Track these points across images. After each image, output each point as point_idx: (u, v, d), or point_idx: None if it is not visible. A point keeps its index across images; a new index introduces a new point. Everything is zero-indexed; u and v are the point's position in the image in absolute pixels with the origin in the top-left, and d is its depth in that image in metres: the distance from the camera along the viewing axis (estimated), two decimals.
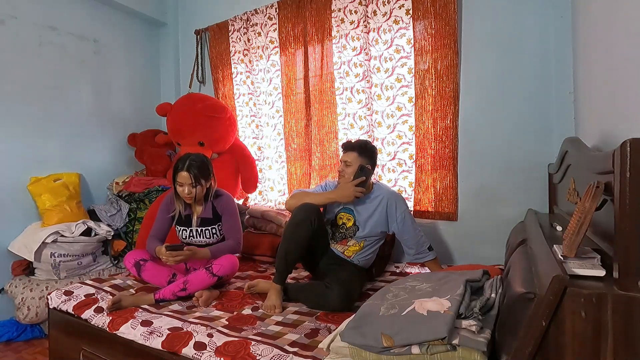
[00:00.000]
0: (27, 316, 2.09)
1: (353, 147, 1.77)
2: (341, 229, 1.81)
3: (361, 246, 1.77)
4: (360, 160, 1.74)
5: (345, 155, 1.78)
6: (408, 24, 2.14)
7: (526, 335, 0.75)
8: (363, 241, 1.77)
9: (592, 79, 1.39)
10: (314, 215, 1.63)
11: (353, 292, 1.56)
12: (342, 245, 1.79)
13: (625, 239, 0.70)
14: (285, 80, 2.59)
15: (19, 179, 2.32)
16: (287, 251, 1.61)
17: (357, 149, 1.75)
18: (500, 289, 1.10)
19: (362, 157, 1.75)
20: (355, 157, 1.74)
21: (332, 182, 1.93)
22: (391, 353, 0.93)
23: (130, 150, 2.97)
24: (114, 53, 2.90)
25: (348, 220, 1.80)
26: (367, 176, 1.71)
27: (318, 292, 1.55)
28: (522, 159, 1.93)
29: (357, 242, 1.77)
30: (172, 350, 1.27)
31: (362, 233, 1.76)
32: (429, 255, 1.78)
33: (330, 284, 1.55)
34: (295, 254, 1.62)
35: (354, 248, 1.77)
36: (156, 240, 1.81)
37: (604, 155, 0.81)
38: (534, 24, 1.88)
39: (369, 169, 1.73)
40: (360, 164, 1.72)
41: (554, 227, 1.32)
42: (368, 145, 1.80)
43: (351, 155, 1.75)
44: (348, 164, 1.75)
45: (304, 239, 1.61)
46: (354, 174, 1.72)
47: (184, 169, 1.73)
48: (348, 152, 1.77)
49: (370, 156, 1.78)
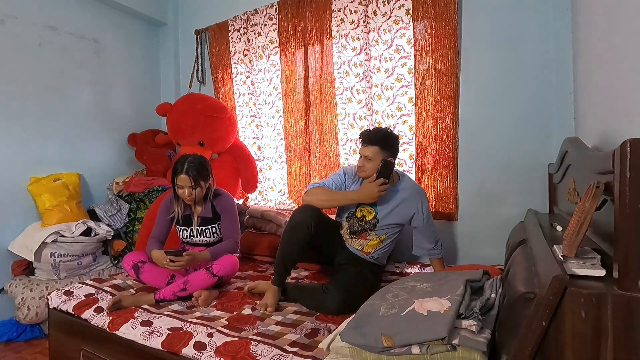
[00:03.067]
0: (27, 316, 2.09)
1: (374, 141, 1.61)
2: (360, 221, 1.72)
3: (381, 239, 1.72)
4: (382, 155, 1.60)
5: (365, 149, 1.63)
6: (408, 24, 2.14)
7: (526, 335, 0.75)
8: (384, 234, 1.71)
9: (592, 79, 1.39)
10: (312, 219, 1.56)
11: (352, 296, 1.46)
12: (361, 240, 1.73)
13: (625, 239, 0.69)
14: (285, 80, 2.59)
15: (19, 179, 2.32)
16: (285, 254, 1.58)
17: (379, 143, 1.60)
18: (500, 289, 1.10)
19: (385, 150, 1.61)
20: (377, 151, 1.60)
21: (351, 171, 1.78)
22: (391, 353, 0.93)
23: (130, 150, 2.97)
24: (114, 53, 2.90)
25: (369, 213, 1.71)
26: (391, 171, 1.59)
27: (316, 296, 1.53)
28: (522, 159, 1.93)
29: (378, 235, 1.71)
30: (172, 350, 1.27)
31: (383, 225, 1.69)
32: (441, 252, 1.80)
33: (329, 288, 1.51)
34: (292, 257, 1.59)
35: (374, 242, 1.72)
36: (156, 242, 1.82)
37: (604, 155, 0.81)
38: (534, 24, 1.88)
39: (392, 163, 1.61)
40: (383, 159, 1.58)
41: (554, 227, 1.32)
42: (390, 136, 1.66)
43: (372, 149, 1.60)
44: (369, 159, 1.61)
45: (302, 242, 1.57)
46: (375, 169, 1.59)
47: (183, 172, 1.73)
48: (368, 146, 1.62)
49: (393, 148, 1.65)
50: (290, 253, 1.58)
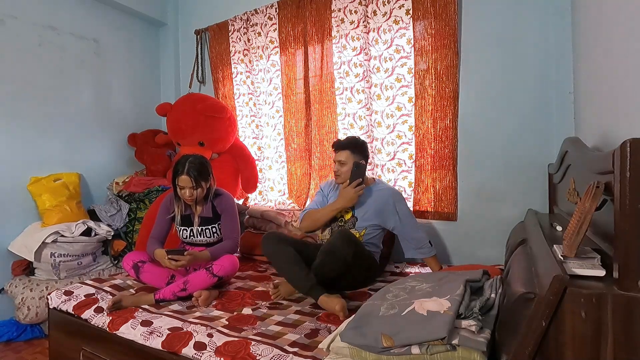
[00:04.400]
0: (27, 316, 2.09)
1: (345, 146, 1.81)
2: (340, 222, 1.84)
3: (361, 234, 1.80)
4: (354, 158, 1.79)
5: (338, 154, 1.82)
6: (408, 24, 2.14)
7: (526, 335, 0.75)
8: (364, 230, 1.80)
9: (592, 79, 1.39)
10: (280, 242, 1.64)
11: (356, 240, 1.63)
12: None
13: (625, 239, 0.69)
14: (285, 80, 2.59)
15: (19, 179, 2.32)
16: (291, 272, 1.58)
17: (349, 147, 1.80)
18: (500, 289, 1.10)
19: (355, 154, 1.80)
20: (348, 155, 1.79)
21: (327, 184, 1.97)
22: (391, 353, 0.93)
23: (130, 150, 2.97)
24: (114, 53, 2.90)
25: (346, 212, 1.84)
26: (363, 172, 1.76)
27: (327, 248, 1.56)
28: (522, 159, 1.93)
29: (358, 231, 1.80)
30: (172, 350, 1.27)
31: (362, 223, 1.80)
32: (431, 251, 1.80)
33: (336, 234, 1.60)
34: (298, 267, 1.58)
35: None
36: (156, 242, 1.82)
37: (604, 155, 0.81)
38: (534, 23, 1.88)
39: (363, 164, 1.78)
40: (354, 161, 1.77)
41: (554, 227, 1.32)
42: (359, 141, 1.85)
43: (344, 154, 1.79)
44: (342, 163, 1.79)
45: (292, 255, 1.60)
46: (349, 172, 1.76)
47: (184, 173, 1.73)
48: (340, 152, 1.81)
49: (363, 151, 1.83)
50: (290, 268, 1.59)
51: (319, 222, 1.81)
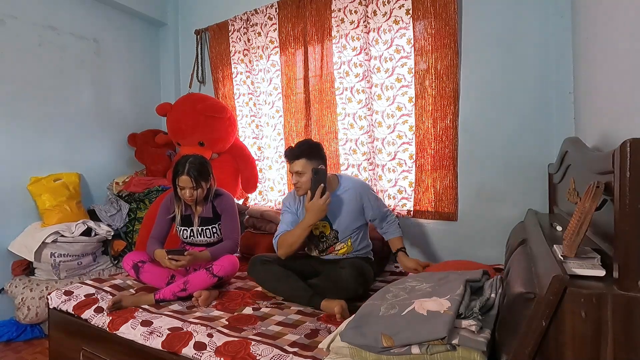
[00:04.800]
0: (27, 316, 2.09)
1: (298, 154, 1.63)
2: (321, 238, 1.75)
3: (348, 244, 1.75)
4: (311, 165, 1.62)
5: (293, 165, 1.65)
6: (408, 24, 2.14)
7: (526, 335, 0.75)
8: (349, 239, 1.75)
9: (592, 79, 1.39)
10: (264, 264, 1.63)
11: (366, 272, 1.59)
12: (332, 254, 1.77)
13: (625, 239, 0.69)
14: (285, 80, 2.59)
15: (19, 179, 2.32)
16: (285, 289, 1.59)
17: (304, 155, 1.63)
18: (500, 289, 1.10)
19: (312, 160, 1.63)
20: (304, 163, 1.62)
21: (290, 198, 1.80)
22: (391, 353, 0.93)
23: (130, 150, 2.97)
24: (114, 53, 2.90)
25: (324, 227, 1.74)
26: (323, 177, 1.59)
27: (333, 277, 1.55)
28: (522, 159, 1.93)
29: (344, 243, 1.75)
30: (172, 350, 1.27)
31: (344, 234, 1.73)
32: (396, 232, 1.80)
33: (345, 265, 1.56)
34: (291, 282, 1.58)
35: (344, 250, 1.76)
36: (156, 242, 1.82)
37: (604, 155, 0.80)
38: (534, 23, 1.88)
39: (323, 169, 1.61)
40: (312, 168, 1.61)
41: (554, 227, 1.32)
42: (311, 145, 1.68)
43: (299, 163, 1.63)
44: (300, 173, 1.63)
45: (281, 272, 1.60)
46: (309, 181, 1.61)
47: (185, 173, 1.73)
48: (295, 162, 1.64)
49: (319, 155, 1.67)
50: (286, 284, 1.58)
51: (296, 245, 1.63)
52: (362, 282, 1.55)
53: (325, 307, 1.47)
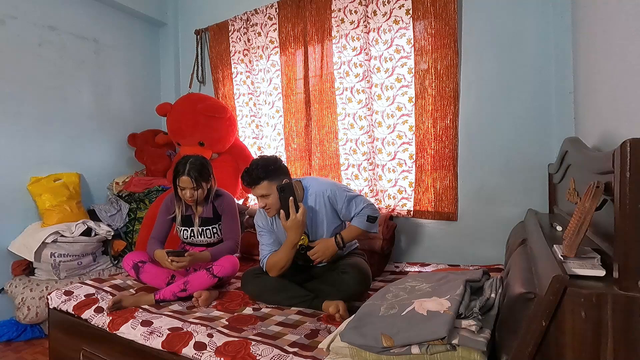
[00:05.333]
0: (27, 316, 2.09)
1: (257, 179, 1.53)
2: (301, 250, 1.64)
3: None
4: (273, 183, 1.54)
5: (255, 190, 1.55)
6: (408, 24, 2.14)
7: (526, 335, 0.75)
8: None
9: (592, 79, 1.39)
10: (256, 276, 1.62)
11: (368, 272, 1.58)
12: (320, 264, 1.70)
13: (625, 239, 0.69)
14: (285, 80, 2.59)
15: (19, 179, 2.32)
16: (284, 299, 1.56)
17: (263, 177, 1.53)
18: (500, 289, 1.10)
19: (272, 179, 1.54)
20: (267, 185, 1.53)
21: (262, 218, 1.70)
22: (391, 353, 0.93)
23: (130, 150, 2.97)
24: (114, 53, 2.90)
25: (302, 240, 1.63)
26: (291, 190, 1.52)
27: (334, 279, 1.54)
28: (522, 159, 1.93)
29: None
30: (172, 350, 1.27)
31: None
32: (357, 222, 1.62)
33: (346, 268, 1.54)
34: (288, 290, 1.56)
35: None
36: (157, 242, 1.82)
37: (604, 155, 0.81)
38: (534, 24, 1.88)
39: (288, 183, 1.55)
40: (277, 186, 1.53)
41: (554, 227, 1.32)
42: (268, 163, 1.56)
43: (262, 187, 1.54)
44: (265, 196, 1.55)
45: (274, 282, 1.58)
46: (277, 201, 1.54)
47: (185, 173, 1.73)
48: (256, 187, 1.54)
49: (278, 171, 1.57)
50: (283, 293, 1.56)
51: (287, 266, 1.59)
52: (364, 285, 1.54)
53: (326, 308, 1.46)
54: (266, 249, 1.66)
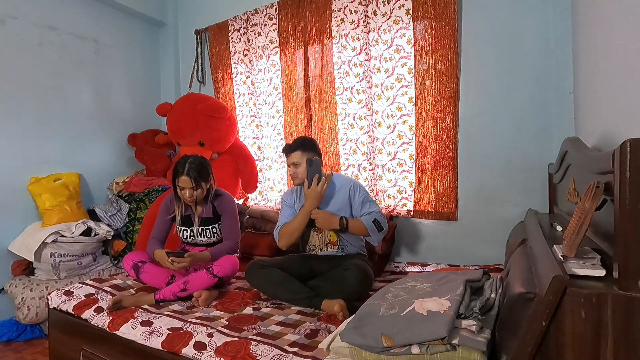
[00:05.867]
0: (27, 316, 2.09)
1: (294, 147, 1.79)
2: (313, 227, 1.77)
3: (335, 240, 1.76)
4: (305, 156, 1.76)
5: (290, 157, 1.80)
6: (408, 24, 2.14)
7: (526, 335, 0.75)
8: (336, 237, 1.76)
9: (592, 79, 1.39)
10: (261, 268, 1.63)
11: (369, 274, 1.60)
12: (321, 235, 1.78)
13: (625, 239, 0.70)
14: (285, 80, 2.59)
15: (19, 179, 2.32)
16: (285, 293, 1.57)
17: (299, 147, 1.78)
18: (500, 289, 1.10)
19: (306, 152, 1.78)
20: (300, 155, 1.77)
21: (289, 193, 1.90)
22: (391, 353, 0.93)
23: (130, 150, 2.97)
24: (114, 53, 2.90)
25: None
26: (318, 167, 1.75)
27: (335, 277, 1.56)
28: (522, 159, 1.93)
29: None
30: (172, 350, 1.27)
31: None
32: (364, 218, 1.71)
33: (349, 266, 1.57)
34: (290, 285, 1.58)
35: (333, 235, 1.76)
36: (157, 242, 1.82)
37: (604, 155, 0.81)
38: (534, 24, 1.88)
39: (317, 160, 1.76)
40: (307, 158, 1.74)
41: (554, 227, 1.32)
42: (306, 139, 1.84)
43: (295, 155, 1.78)
44: (296, 164, 1.77)
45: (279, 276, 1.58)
46: (305, 171, 1.74)
47: (184, 174, 1.73)
48: (291, 154, 1.79)
49: (313, 148, 1.81)
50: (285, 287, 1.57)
51: (296, 234, 1.73)
52: (365, 285, 1.55)
53: (326, 307, 1.47)
54: (282, 220, 1.83)
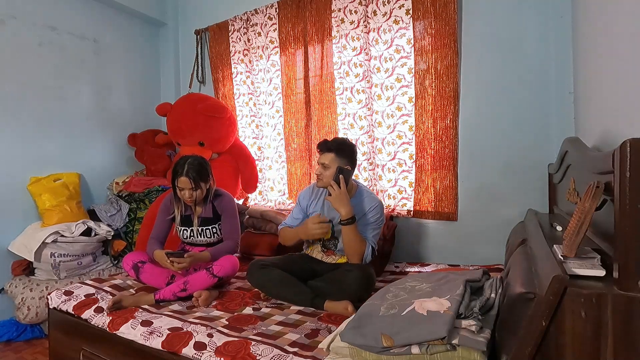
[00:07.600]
0: (27, 316, 2.09)
1: (330, 148, 1.65)
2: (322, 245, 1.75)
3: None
4: (338, 162, 1.63)
5: (322, 157, 1.66)
6: (408, 24, 2.14)
7: (526, 335, 0.75)
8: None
9: (592, 79, 1.39)
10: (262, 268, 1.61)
11: (372, 277, 1.57)
12: (331, 256, 1.75)
13: (625, 239, 0.69)
14: (285, 80, 2.59)
15: (19, 179, 2.32)
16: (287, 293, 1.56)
17: (334, 150, 1.64)
18: (500, 289, 1.10)
19: (340, 157, 1.64)
20: (332, 158, 1.63)
21: (307, 192, 1.82)
22: (391, 353, 0.93)
23: (130, 150, 2.97)
24: (114, 53, 2.90)
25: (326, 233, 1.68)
26: (347, 178, 1.60)
27: (337, 278, 1.54)
28: (522, 159, 1.93)
29: (342, 255, 1.72)
30: (172, 350, 1.27)
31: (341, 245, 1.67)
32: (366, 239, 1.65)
33: (351, 268, 1.55)
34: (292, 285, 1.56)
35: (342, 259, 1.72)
36: (156, 242, 1.82)
37: (604, 155, 0.81)
38: (534, 24, 1.88)
39: (348, 170, 1.62)
40: (338, 166, 1.60)
41: (554, 227, 1.32)
42: (346, 143, 1.69)
43: (328, 156, 1.64)
44: (326, 167, 1.64)
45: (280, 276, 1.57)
46: (332, 176, 1.60)
47: (183, 174, 1.73)
48: (325, 154, 1.65)
49: (350, 156, 1.66)
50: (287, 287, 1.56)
51: (290, 242, 1.75)
52: (367, 288, 1.52)
53: (330, 307, 1.46)
54: (288, 220, 1.84)
